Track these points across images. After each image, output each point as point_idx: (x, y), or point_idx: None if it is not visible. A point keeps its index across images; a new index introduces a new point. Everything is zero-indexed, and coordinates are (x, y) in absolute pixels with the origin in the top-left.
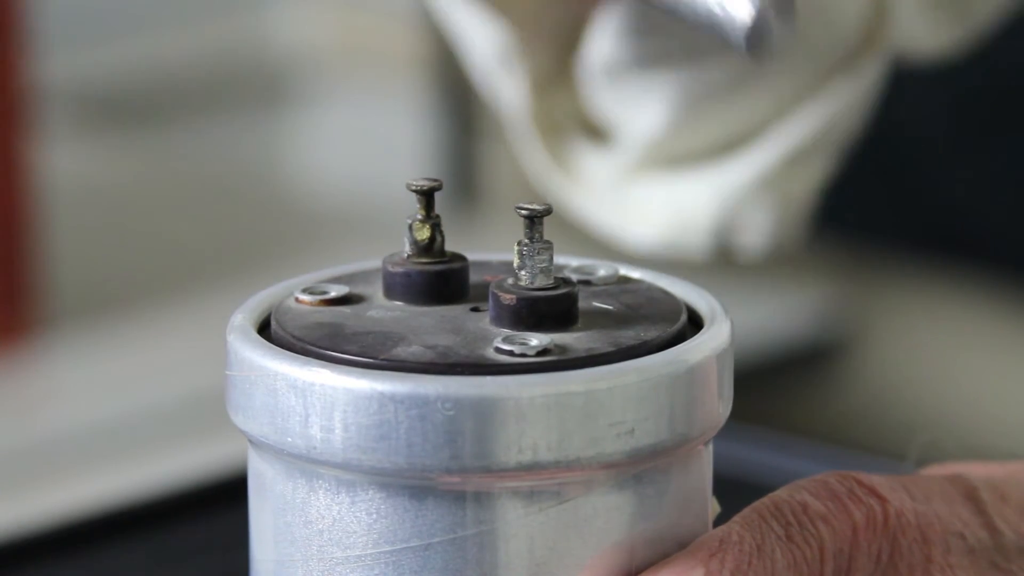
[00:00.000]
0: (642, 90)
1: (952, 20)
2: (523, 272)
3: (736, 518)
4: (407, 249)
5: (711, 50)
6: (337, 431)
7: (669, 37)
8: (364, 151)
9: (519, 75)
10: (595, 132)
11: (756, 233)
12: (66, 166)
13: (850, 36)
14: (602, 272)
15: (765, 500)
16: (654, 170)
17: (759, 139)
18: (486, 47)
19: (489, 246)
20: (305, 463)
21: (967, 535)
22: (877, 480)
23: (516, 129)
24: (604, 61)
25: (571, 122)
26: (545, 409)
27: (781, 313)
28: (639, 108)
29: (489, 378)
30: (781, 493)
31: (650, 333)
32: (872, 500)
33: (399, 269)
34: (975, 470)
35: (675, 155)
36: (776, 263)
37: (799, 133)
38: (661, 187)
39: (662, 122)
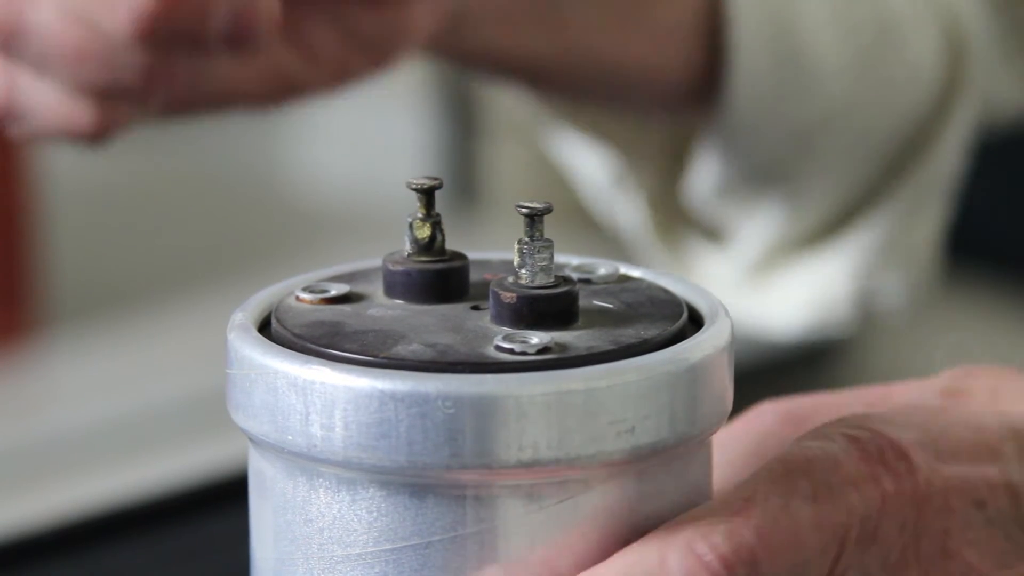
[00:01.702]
0: (751, 204)
1: None
2: (523, 270)
3: (763, 471)
4: (407, 247)
5: (810, 160)
6: (337, 429)
7: (768, 157)
8: (364, 151)
9: (633, 193)
10: (711, 234)
11: (894, 294)
12: (66, 166)
13: (932, 83)
14: (602, 270)
15: (794, 451)
16: (778, 262)
17: (872, 206)
18: (599, 173)
19: (489, 244)
20: (305, 461)
21: (988, 503)
22: (907, 442)
23: (639, 241)
24: (711, 186)
25: (687, 228)
26: (545, 407)
27: None
28: (751, 219)
29: (489, 376)
30: (812, 445)
31: (651, 331)
32: (902, 465)
33: (399, 267)
34: (1002, 387)
35: (795, 242)
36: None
37: (908, 192)
38: (794, 275)
39: (775, 226)
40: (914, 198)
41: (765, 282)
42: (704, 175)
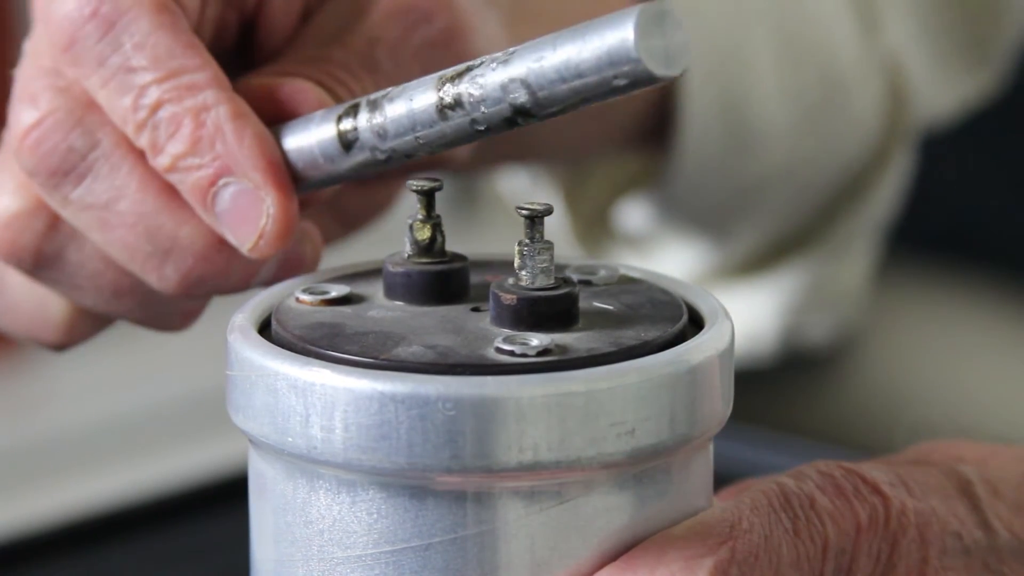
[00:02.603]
0: (681, 236)
1: (971, 63)
2: (524, 272)
3: (746, 500)
4: (408, 249)
5: (748, 210)
6: (338, 431)
7: (707, 208)
8: None
9: (548, 188)
10: (633, 244)
11: (819, 332)
12: None
13: (874, 135)
14: (603, 272)
15: (772, 487)
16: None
17: (804, 247)
18: (519, 174)
19: (490, 246)
20: (306, 463)
21: (963, 535)
22: (879, 477)
23: (565, 237)
24: (642, 220)
25: (609, 236)
26: (546, 409)
27: None
28: (679, 247)
29: (490, 378)
30: (788, 482)
31: (651, 333)
32: (876, 499)
33: (400, 269)
34: (966, 453)
35: (722, 272)
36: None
37: (840, 236)
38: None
39: (703, 256)
40: (845, 241)
41: None
42: (637, 211)
